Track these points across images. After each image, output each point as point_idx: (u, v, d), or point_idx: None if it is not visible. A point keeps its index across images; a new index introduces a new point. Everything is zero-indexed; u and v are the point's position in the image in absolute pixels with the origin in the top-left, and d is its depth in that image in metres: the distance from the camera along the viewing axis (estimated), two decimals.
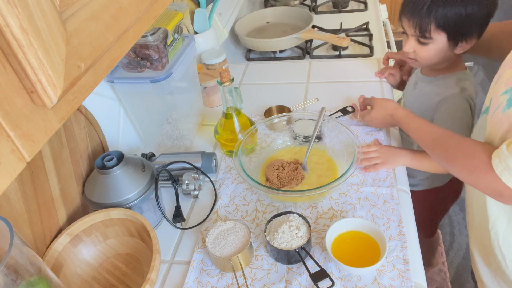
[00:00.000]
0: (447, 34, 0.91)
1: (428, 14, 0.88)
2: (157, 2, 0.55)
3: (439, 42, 0.92)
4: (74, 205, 0.86)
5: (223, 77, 0.94)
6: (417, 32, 0.92)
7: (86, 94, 0.42)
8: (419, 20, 0.90)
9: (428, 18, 0.89)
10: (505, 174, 0.62)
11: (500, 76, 0.72)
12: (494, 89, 0.72)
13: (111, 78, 0.95)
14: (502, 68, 0.74)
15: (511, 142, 0.62)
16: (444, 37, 0.91)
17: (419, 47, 0.96)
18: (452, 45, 0.93)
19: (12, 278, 0.50)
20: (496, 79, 0.75)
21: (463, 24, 0.88)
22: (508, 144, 0.62)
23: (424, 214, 1.36)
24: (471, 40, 0.92)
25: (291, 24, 1.68)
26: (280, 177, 0.95)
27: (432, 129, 0.84)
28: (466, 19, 0.87)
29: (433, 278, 1.68)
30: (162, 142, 1.11)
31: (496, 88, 0.71)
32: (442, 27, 0.89)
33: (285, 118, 1.05)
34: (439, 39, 0.92)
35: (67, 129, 0.83)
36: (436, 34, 0.91)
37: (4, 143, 0.33)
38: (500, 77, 0.71)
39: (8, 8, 0.30)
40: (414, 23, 0.91)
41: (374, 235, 0.78)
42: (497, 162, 0.63)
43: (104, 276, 0.82)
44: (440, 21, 0.88)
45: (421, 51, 0.96)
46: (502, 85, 0.69)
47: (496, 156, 0.64)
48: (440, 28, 0.90)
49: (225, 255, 0.78)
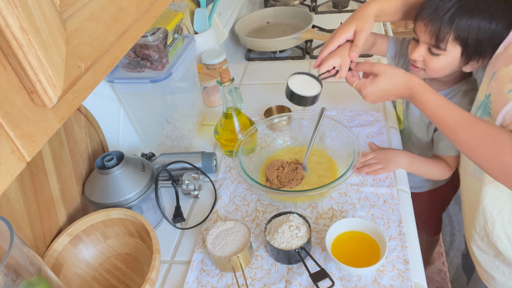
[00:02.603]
0: (462, 49, 0.82)
1: (450, 23, 0.79)
2: (157, 2, 0.55)
3: (451, 55, 0.84)
4: (74, 205, 0.86)
5: (223, 77, 0.94)
6: (432, 41, 0.83)
7: (86, 94, 0.42)
8: (438, 28, 0.81)
9: (449, 27, 0.80)
10: None
11: (497, 72, 0.71)
12: (493, 85, 0.71)
13: (111, 78, 0.95)
14: (495, 64, 0.74)
15: None
16: (458, 51, 0.83)
17: (429, 57, 0.87)
18: (463, 62, 0.85)
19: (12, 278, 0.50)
20: (490, 74, 0.74)
21: (483, 40, 0.80)
22: None
23: (431, 213, 1.36)
24: (483, 60, 0.84)
25: (291, 24, 1.68)
26: (280, 177, 0.95)
27: (455, 110, 0.73)
28: (488, 36, 0.79)
29: (433, 278, 1.68)
30: (162, 142, 1.11)
31: (498, 85, 0.70)
32: (460, 40, 0.81)
33: (285, 118, 1.05)
34: (453, 52, 0.83)
35: (67, 129, 0.83)
36: (451, 46, 0.82)
37: (4, 143, 0.33)
38: (497, 73, 0.71)
39: (8, 8, 0.30)
40: (432, 30, 0.82)
41: (374, 235, 0.78)
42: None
43: (104, 276, 0.82)
44: (460, 32, 0.80)
45: (430, 61, 0.87)
46: (506, 81, 0.67)
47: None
48: (458, 40, 0.81)
49: (225, 255, 0.78)
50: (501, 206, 0.78)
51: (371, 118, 1.12)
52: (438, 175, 0.99)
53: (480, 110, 0.77)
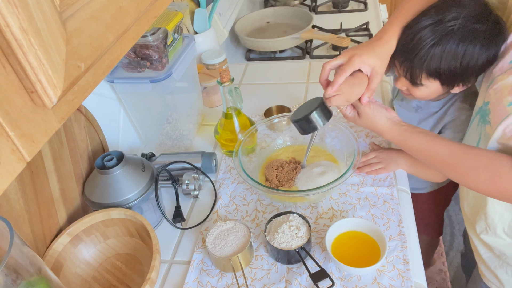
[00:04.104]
0: (440, 81, 0.83)
1: (420, 63, 0.80)
2: (157, 2, 0.55)
3: (432, 87, 0.85)
4: (74, 205, 0.86)
5: (223, 77, 0.94)
6: (408, 78, 0.85)
7: (86, 94, 0.42)
8: (410, 68, 0.83)
9: (420, 67, 0.81)
10: None
11: (495, 80, 0.70)
12: (492, 94, 0.70)
13: (111, 78, 0.95)
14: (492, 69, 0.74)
15: None
16: (437, 83, 0.84)
17: (411, 87, 0.88)
18: (446, 88, 0.86)
19: (12, 278, 0.50)
20: (488, 80, 0.74)
21: (457, 75, 0.80)
22: None
23: (433, 214, 1.35)
24: (468, 84, 0.84)
25: (291, 24, 1.68)
26: (279, 177, 0.95)
27: (440, 147, 0.73)
28: (461, 68, 0.79)
29: (433, 278, 1.68)
30: (162, 142, 1.11)
31: (497, 96, 0.69)
32: (434, 76, 0.82)
33: (285, 118, 1.05)
34: (432, 85, 0.84)
35: (67, 129, 0.83)
36: (428, 82, 0.84)
37: (4, 143, 0.33)
38: (496, 81, 0.70)
39: (8, 8, 0.30)
40: (405, 69, 0.84)
41: (374, 235, 0.78)
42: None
43: (104, 276, 0.82)
44: (431, 71, 0.81)
45: (413, 91, 0.88)
46: (506, 94, 0.66)
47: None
48: (431, 77, 0.82)
49: (225, 255, 0.78)
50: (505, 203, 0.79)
51: None
52: (437, 177, 0.99)
53: (478, 116, 0.76)
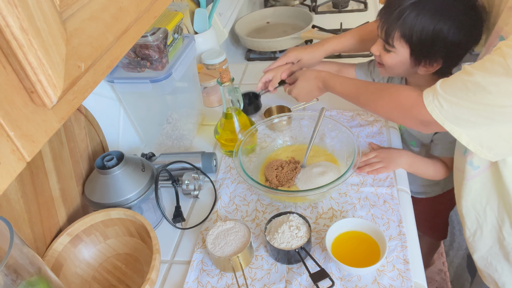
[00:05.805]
0: (410, 48, 0.85)
1: (395, 20, 0.83)
2: (157, 2, 0.55)
3: (401, 54, 0.87)
4: (74, 205, 0.86)
5: (223, 77, 0.94)
6: (383, 36, 0.88)
7: (86, 94, 0.42)
8: (387, 24, 0.85)
9: (395, 24, 0.84)
10: (435, 111, 0.68)
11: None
12: None
13: (111, 78, 0.95)
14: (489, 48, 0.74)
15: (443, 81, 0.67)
16: (406, 51, 0.86)
17: (383, 53, 0.91)
18: (414, 62, 0.87)
19: (12, 278, 0.50)
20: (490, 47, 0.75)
21: (427, 41, 0.82)
22: (441, 83, 0.68)
23: (439, 218, 1.35)
24: (434, 65, 0.86)
25: (291, 24, 1.68)
26: (279, 177, 0.95)
27: (356, 80, 0.93)
28: (432, 37, 0.81)
29: (433, 278, 1.68)
30: (162, 142, 1.11)
31: None
32: (406, 38, 0.84)
33: (285, 118, 1.05)
34: (402, 51, 0.86)
35: (67, 129, 0.83)
36: (399, 44, 0.86)
37: (4, 143, 0.33)
38: None
39: (8, 8, 0.30)
40: (382, 26, 0.87)
41: (374, 235, 0.78)
42: (430, 100, 0.68)
43: (104, 276, 0.82)
44: (405, 30, 0.83)
45: (384, 57, 0.91)
46: None
47: (429, 94, 0.69)
48: (403, 38, 0.84)
49: (225, 255, 0.78)
50: (488, 197, 0.80)
51: (371, 118, 1.12)
52: (436, 175, 0.99)
53: None
